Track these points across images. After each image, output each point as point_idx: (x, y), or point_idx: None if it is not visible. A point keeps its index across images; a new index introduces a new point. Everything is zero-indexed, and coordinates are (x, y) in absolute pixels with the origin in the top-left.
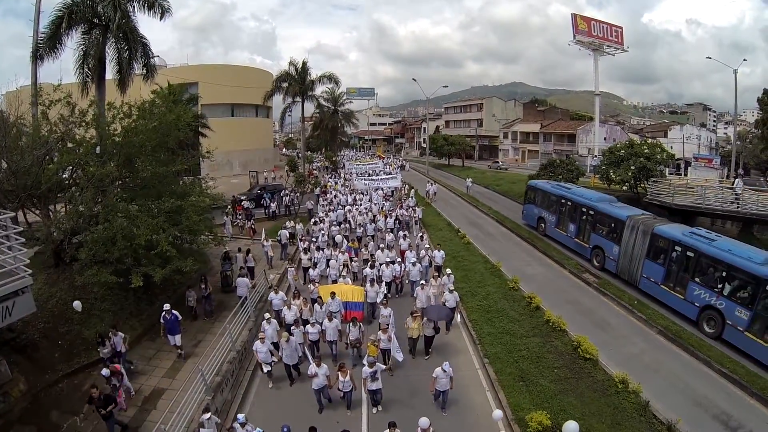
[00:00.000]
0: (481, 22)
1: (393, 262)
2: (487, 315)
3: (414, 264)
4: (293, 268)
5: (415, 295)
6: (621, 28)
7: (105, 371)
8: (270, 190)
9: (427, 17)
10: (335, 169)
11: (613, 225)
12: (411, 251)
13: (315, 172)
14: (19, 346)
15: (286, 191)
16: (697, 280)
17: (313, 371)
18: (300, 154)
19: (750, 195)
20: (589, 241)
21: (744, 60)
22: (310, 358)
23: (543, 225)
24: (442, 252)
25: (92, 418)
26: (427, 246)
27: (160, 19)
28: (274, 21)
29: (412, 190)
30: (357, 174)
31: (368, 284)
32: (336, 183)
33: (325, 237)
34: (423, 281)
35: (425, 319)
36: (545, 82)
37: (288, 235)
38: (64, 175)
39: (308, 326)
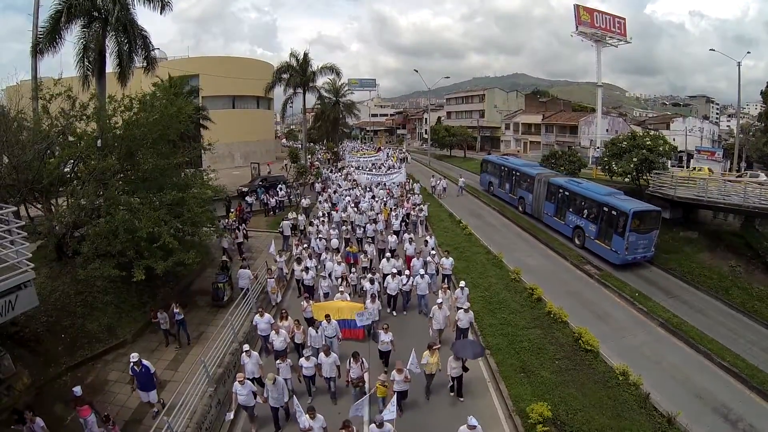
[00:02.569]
0: (483, 13)
1: (399, 273)
2: (488, 306)
3: (422, 276)
4: (273, 279)
5: (430, 315)
6: (624, 19)
7: (77, 389)
8: (271, 182)
9: (428, 8)
10: (336, 160)
11: (529, 180)
12: (418, 258)
13: (317, 163)
14: (23, 339)
15: (281, 185)
16: (570, 210)
17: (306, 425)
18: (302, 146)
19: (753, 188)
20: (516, 194)
21: (748, 53)
22: (299, 407)
23: (491, 187)
24: (451, 259)
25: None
26: (434, 251)
27: (160, 12)
28: (275, 12)
29: (416, 185)
30: (357, 168)
31: (368, 300)
32: (336, 177)
33: (323, 241)
34: (440, 299)
35: (451, 356)
36: (547, 73)
37: (291, 226)
38: (65, 169)
39: (302, 359)
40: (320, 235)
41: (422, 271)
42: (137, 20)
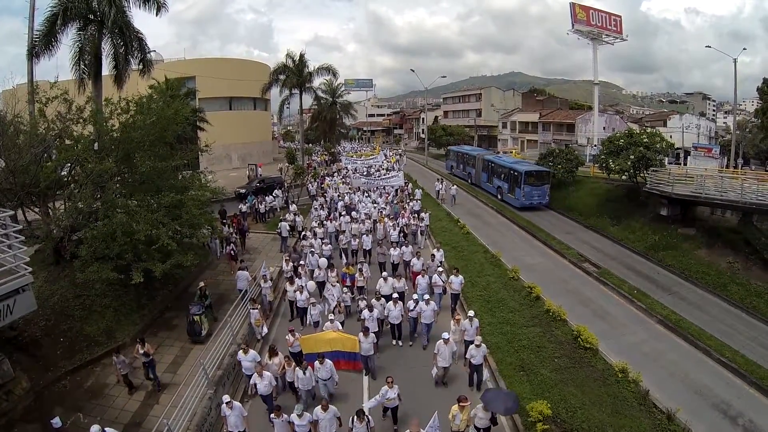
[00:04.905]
0: (479, 11)
1: (401, 296)
2: (487, 305)
3: (428, 302)
4: (257, 309)
5: (435, 351)
6: (620, 17)
7: (56, 421)
8: (269, 183)
9: (424, 7)
10: (333, 161)
11: (473, 160)
12: (424, 276)
13: (314, 164)
14: (21, 344)
15: (276, 191)
16: (495, 175)
17: None
18: (299, 147)
19: (750, 185)
20: (466, 171)
21: (744, 49)
22: None
23: (452, 169)
24: (460, 277)
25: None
26: (441, 268)
27: (156, 14)
28: (271, 13)
29: (418, 190)
30: (354, 170)
31: (361, 334)
32: (333, 181)
33: (315, 256)
34: (446, 334)
35: (480, 405)
36: (544, 71)
37: (288, 227)
38: (62, 173)
39: (294, 416)
40: (312, 249)
41: (427, 296)
42: (133, 22)
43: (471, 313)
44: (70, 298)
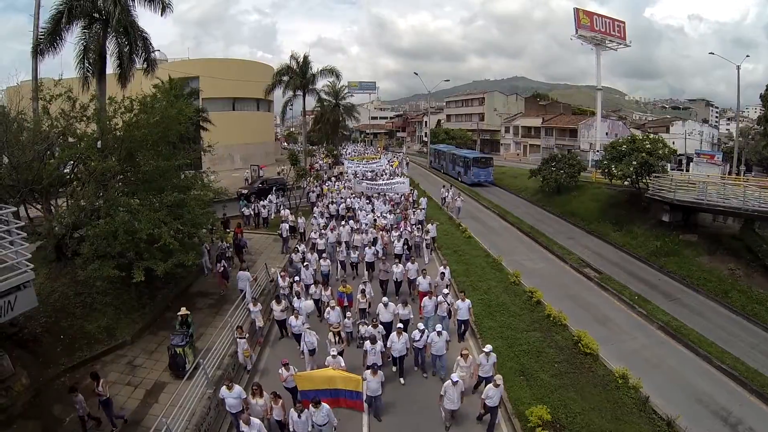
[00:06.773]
0: (483, 15)
1: (405, 325)
2: (488, 309)
3: (440, 333)
4: (244, 339)
5: (441, 392)
6: (623, 22)
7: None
8: (271, 184)
9: (427, 11)
10: (336, 163)
11: (444, 155)
12: (431, 297)
13: (316, 166)
14: (22, 340)
15: (270, 196)
16: (457, 163)
17: None
18: (302, 148)
19: (753, 192)
20: (440, 163)
21: (747, 56)
22: None
23: (432, 163)
24: (468, 302)
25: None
26: (446, 289)
27: (161, 14)
28: (275, 15)
29: (424, 199)
30: (353, 174)
31: (368, 372)
32: (334, 186)
33: (311, 270)
34: (455, 376)
35: None
36: (547, 76)
37: (288, 228)
38: (65, 170)
39: None
40: (306, 263)
41: (439, 327)
42: (138, 22)
43: (488, 348)
44: (71, 295)
